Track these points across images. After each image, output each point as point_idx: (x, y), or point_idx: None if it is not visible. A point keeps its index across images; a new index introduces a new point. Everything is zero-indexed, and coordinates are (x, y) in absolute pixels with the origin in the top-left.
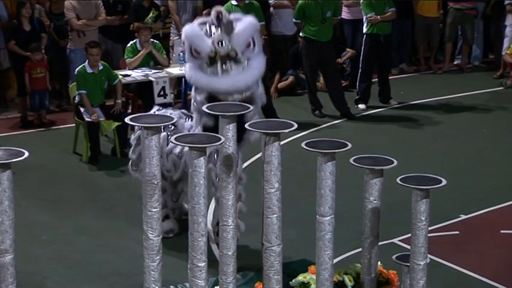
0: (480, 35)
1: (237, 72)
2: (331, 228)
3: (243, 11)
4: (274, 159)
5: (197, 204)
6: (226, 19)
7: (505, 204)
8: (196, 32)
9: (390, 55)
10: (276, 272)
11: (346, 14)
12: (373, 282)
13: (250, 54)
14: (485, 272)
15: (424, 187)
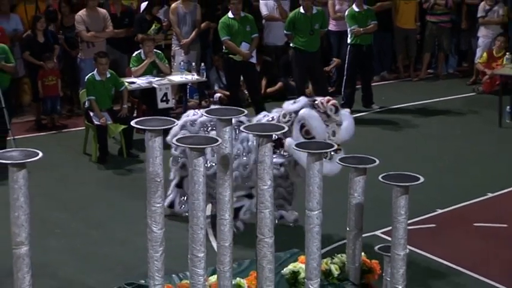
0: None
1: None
2: (319, 221)
3: (239, 23)
4: (267, 158)
5: (196, 200)
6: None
7: (477, 199)
8: (319, 120)
9: (372, 64)
10: (269, 261)
11: (333, 26)
12: (357, 271)
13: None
14: (460, 261)
15: (403, 184)
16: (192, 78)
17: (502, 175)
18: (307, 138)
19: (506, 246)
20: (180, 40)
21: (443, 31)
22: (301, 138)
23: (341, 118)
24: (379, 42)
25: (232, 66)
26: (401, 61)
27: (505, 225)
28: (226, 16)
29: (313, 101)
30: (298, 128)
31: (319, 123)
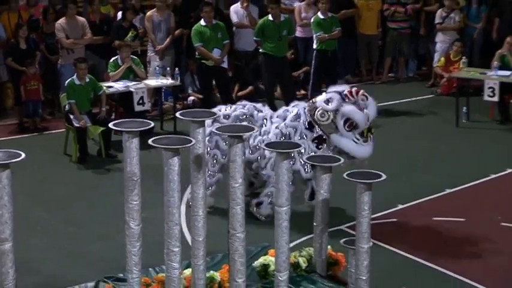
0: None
1: (372, 141)
2: (288, 217)
3: (211, 30)
4: (238, 158)
5: (172, 198)
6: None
7: (436, 195)
8: (356, 111)
9: (337, 68)
10: (241, 255)
11: (299, 33)
12: (324, 263)
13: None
14: (421, 253)
15: (366, 181)
16: (167, 82)
17: (460, 172)
18: (349, 130)
19: (464, 239)
20: (155, 46)
21: (403, 37)
22: (345, 131)
23: (366, 102)
24: (343, 48)
25: (204, 71)
26: (364, 65)
27: (463, 219)
28: (198, 24)
29: (342, 95)
30: (342, 123)
31: (360, 115)
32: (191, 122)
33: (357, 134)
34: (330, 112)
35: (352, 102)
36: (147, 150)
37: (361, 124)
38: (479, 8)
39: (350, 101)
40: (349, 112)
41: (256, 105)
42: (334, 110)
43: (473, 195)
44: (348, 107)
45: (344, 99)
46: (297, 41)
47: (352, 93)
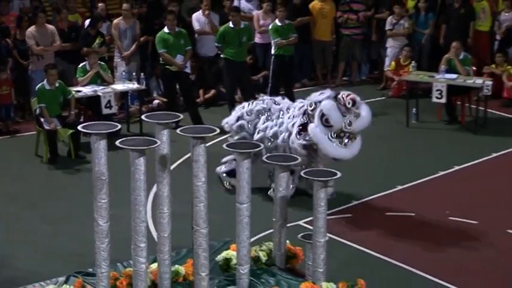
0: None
1: (350, 148)
2: (248, 213)
3: (174, 37)
4: (201, 158)
5: (138, 196)
6: (358, 106)
7: (388, 191)
8: (336, 110)
9: (293, 72)
10: (204, 250)
11: (258, 39)
12: (283, 257)
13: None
14: (374, 247)
15: (322, 179)
16: (133, 87)
17: (410, 169)
18: (326, 126)
19: (414, 232)
20: (121, 52)
21: (356, 43)
22: (320, 124)
23: (360, 111)
24: (300, 53)
25: (168, 76)
26: (319, 69)
27: (413, 213)
28: (162, 31)
29: (336, 94)
30: (319, 116)
31: (336, 114)
32: (156, 124)
33: (332, 133)
34: (316, 103)
35: (341, 103)
36: (115, 151)
37: (335, 123)
38: (427, 15)
39: (339, 102)
40: (326, 108)
41: (275, 98)
42: (319, 101)
43: (422, 191)
44: (327, 103)
45: (335, 98)
46: (256, 47)
47: (343, 97)
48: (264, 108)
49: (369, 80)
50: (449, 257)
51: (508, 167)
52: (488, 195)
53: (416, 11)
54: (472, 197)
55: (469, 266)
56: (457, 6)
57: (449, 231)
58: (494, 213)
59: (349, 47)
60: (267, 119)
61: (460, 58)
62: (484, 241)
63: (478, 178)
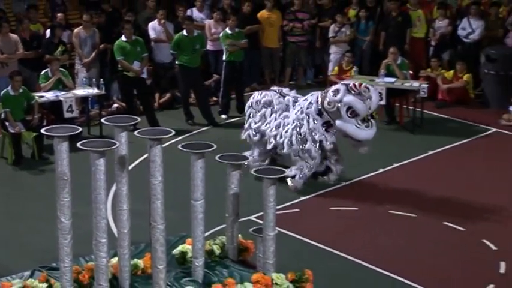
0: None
1: (374, 126)
2: (202, 209)
3: (131, 45)
4: (158, 158)
5: (99, 194)
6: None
7: (333, 187)
8: (357, 101)
9: (243, 77)
10: (161, 244)
11: (210, 46)
12: (235, 250)
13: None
14: (320, 239)
15: (272, 176)
16: (93, 92)
17: (353, 167)
18: (352, 117)
19: (357, 225)
20: (82, 60)
21: (301, 49)
22: (347, 117)
23: (369, 93)
24: (249, 59)
25: (126, 82)
26: (267, 74)
27: (356, 208)
28: (120, 39)
29: (348, 87)
30: (345, 111)
31: (361, 105)
32: (115, 127)
33: (359, 120)
34: (336, 102)
35: (356, 93)
36: (76, 153)
37: (361, 112)
38: (367, 23)
39: (354, 92)
40: (351, 102)
41: (283, 91)
42: (339, 100)
43: (365, 187)
44: (349, 97)
45: (349, 90)
46: (208, 54)
47: (355, 86)
48: (269, 101)
49: (314, 84)
50: (390, 248)
51: (443, 164)
52: (426, 190)
53: (357, 20)
54: (410, 192)
55: (409, 256)
56: (395, 15)
57: (390, 224)
58: (431, 206)
59: (295, 53)
60: (272, 112)
61: (398, 63)
62: (422, 233)
63: (416, 174)
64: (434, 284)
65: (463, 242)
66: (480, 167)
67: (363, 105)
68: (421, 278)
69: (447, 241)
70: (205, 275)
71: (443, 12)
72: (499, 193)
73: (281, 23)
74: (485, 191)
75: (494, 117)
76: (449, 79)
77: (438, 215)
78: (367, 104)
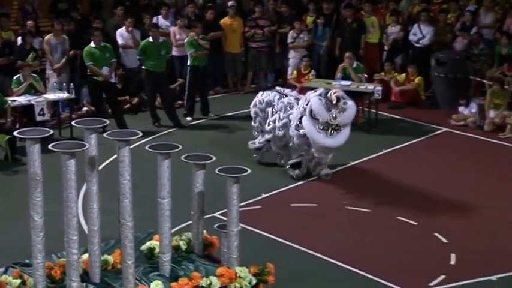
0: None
1: (336, 138)
2: (169, 207)
3: (100, 51)
4: (126, 158)
5: (70, 194)
6: (342, 101)
7: (292, 185)
8: (320, 106)
9: (207, 81)
10: (130, 241)
11: (175, 52)
12: (201, 245)
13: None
14: (281, 234)
15: (234, 175)
16: (63, 96)
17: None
18: (314, 119)
19: (316, 220)
20: (52, 65)
21: (262, 54)
22: (310, 118)
23: (345, 106)
24: (213, 64)
25: (95, 86)
26: (230, 78)
27: (315, 204)
28: (89, 46)
29: (326, 92)
30: (309, 111)
31: (321, 110)
32: (85, 129)
33: (320, 125)
34: (308, 99)
35: (328, 100)
36: (48, 154)
37: (320, 117)
38: (324, 29)
39: (327, 99)
40: (313, 104)
41: (285, 90)
42: (309, 100)
43: (322, 185)
44: (314, 100)
45: (324, 95)
46: (174, 59)
47: (332, 94)
48: (270, 100)
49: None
50: (347, 242)
51: (396, 162)
52: (381, 187)
53: (315, 26)
54: (366, 188)
55: (364, 249)
56: (350, 22)
57: (347, 219)
58: (386, 202)
59: (256, 58)
60: (273, 111)
61: (353, 67)
62: (377, 227)
63: (371, 172)
64: (388, 275)
65: (415, 236)
66: (431, 164)
67: (324, 112)
68: (376, 269)
69: (400, 235)
70: (172, 269)
71: (396, 18)
72: (449, 189)
73: (243, 30)
74: (437, 187)
75: (444, 117)
76: (401, 82)
77: (392, 210)
78: (332, 113)
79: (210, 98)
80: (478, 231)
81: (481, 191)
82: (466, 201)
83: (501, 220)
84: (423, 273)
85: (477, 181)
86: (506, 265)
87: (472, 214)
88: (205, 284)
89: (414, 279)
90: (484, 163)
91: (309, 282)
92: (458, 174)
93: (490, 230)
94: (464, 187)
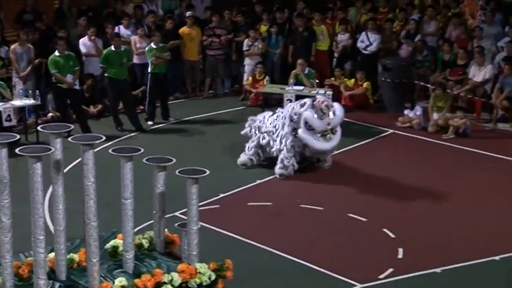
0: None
1: (333, 139)
2: (132, 207)
3: (64, 59)
4: (90, 161)
5: (36, 196)
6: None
7: (249, 185)
8: (313, 117)
9: (167, 87)
10: (95, 239)
11: (136, 60)
12: (162, 243)
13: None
14: (239, 232)
15: (194, 176)
16: (30, 102)
17: (267, 166)
18: (310, 129)
19: (272, 219)
20: (18, 73)
21: (219, 61)
22: (306, 130)
23: (333, 109)
24: (172, 71)
25: (60, 93)
26: (189, 85)
27: (271, 203)
28: (53, 54)
29: (313, 101)
30: (304, 123)
31: (316, 121)
32: (51, 134)
33: (317, 134)
34: (298, 114)
35: (318, 109)
36: (15, 158)
37: (317, 128)
38: (277, 37)
39: (316, 108)
40: (307, 117)
41: (262, 116)
42: (300, 113)
43: (279, 184)
44: (308, 113)
45: (313, 106)
46: (135, 67)
47: (319, 102)
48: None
49: (231, 92)
50: (301, 238)
51: (347, 162)
52: (332, 185)
53: (268, 35)
54: (318, 187)
55: (317, 245)
56: (301, 30)
57: (301, 217)
58: (337, 200)
59: (213, 65)
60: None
61: (305, 73)
62: (329, 224)
63: (323, 172)
64: (339, 269)
65: (365, 231)
66: (380, 164)
67: (318, 122)
68: (328, 264)
69: (351, 230)
70: (136, 266)
71: (345, 27)
72: (396, 187)
73: (201, 38)
74: (385, 186)
75: (391, 120)
76: (350, 87)
77: (343, 207)
78: (325, 120)
79: (170, 103)
80: (424, 227)
81: (426, 189)
82: (412, 198)
83: (445, 215)
84: (373, 267)
85: (422, 179)
86: (450, 258)
87: (418, 210)
88: (167, 280)
89: (364, 273)
90: (428, 162)
91: (265, 277)
92: (405, 173)
93: (434, 225)
94: (410, 185)
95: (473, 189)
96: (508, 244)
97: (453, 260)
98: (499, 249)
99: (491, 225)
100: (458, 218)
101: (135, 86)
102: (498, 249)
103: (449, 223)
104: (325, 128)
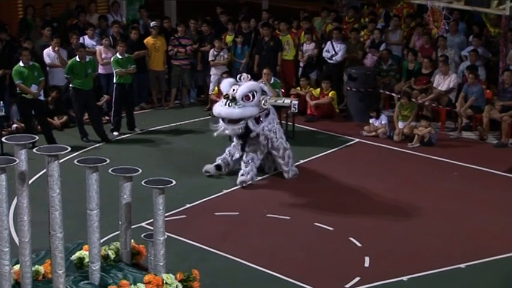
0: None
1: (231, 107)
2: (98, 218)
3: (28, 70)
4: (55, 172)
5: (0, 207)
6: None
7: (216, 195)
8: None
9: (133, 97)
10: (60, 251)
11: (102, 70)
12: (129, 254)
13: (246, 103)
14: (206, 242)
15: (160, 187)
16: None
17: (233, 176)
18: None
19: (239, 228)
20: None
21: (185, 71)
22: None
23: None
24: (138, 81)
25: (25, 103)
26: (155, 95)
27: (237, 213)
28: (18, 65)
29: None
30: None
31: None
32: (15, 145)
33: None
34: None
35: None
36: None
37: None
38: (243, 47)
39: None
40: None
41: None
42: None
43: (245, 194)
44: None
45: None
46: (100, 77)
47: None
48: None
49: (197, 102)
50: (268, 248)
51: (313, 171)
52: (299, 195)
53: (234, 44)
54: (285, 197)
55: (283, 254)
56: (267, 40)
57: (267, 226)
58: (303, 209)
59: (179, 75)
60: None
61: (271, 82)
62: (295, 232)
63: (290, 181)
64: (306, 278)
65: (331, 240)
66: (346, 173)
67: (225, 85)
68: (295, 273)
69: (317, 239)
70: (102, 277)
71: (310, 36)
72: (362, 196)
73: (166, 48)
74: (351, 194)
75: (356, 129)
76: (316, 96)
77: (309, 216)
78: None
79: (136, 113)
80: (390, 235)
81: (392, 197)
82: (378, 206)
83: (411, 224)
84: (339, 276)
85: (388, 188)
86: (416, 267)
87: (384, 219)
88: None
89: (331, 281)
90: (393, 171)
91: (232, 286)
92: (371, 182)
93: (401, 233)
94: (376, 193)
95: (439, 198)
96: (473, 252)
97: (419, 268)
98: (464, 257)
99: (457, 233)
100: (425, 226)
101: (100, 96)
102: (464, 257)
103: (415, 231)
104: (227, 91)
